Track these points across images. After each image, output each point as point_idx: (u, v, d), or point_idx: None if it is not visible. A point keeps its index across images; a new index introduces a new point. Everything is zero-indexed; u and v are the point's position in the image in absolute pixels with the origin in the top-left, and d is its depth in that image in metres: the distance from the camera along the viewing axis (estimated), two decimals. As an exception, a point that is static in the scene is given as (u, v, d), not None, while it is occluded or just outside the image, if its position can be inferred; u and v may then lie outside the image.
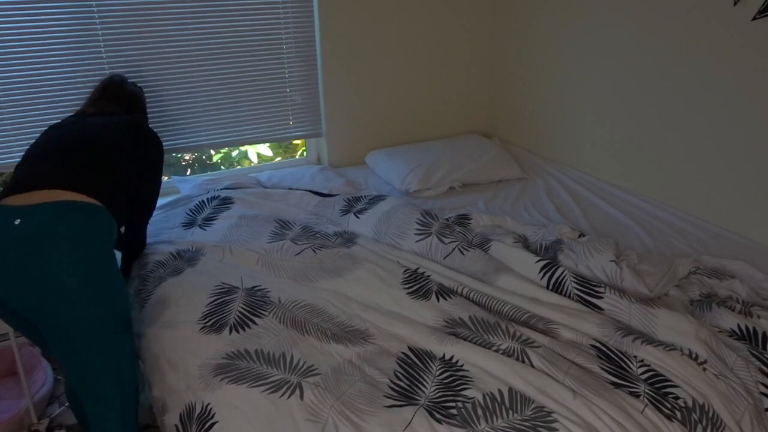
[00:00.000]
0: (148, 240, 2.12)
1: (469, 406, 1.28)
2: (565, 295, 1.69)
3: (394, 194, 2.58)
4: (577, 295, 1.67)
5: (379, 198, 2.24)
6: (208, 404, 1.31)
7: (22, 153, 2.34)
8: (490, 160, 2.80)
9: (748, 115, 2.00)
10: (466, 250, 1.89)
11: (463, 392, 1.32)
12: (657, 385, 1.36)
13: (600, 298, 1.64)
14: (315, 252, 1.91)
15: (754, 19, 1.91)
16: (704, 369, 1.39)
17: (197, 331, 1.55)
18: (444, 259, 1.89)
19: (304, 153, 3.18)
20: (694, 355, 1.43)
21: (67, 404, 2.23)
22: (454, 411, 1.27)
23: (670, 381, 1.36)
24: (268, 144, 3.17)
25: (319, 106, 2.92)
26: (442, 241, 1.94)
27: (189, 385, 1.39)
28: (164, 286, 1.78)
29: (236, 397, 1.31)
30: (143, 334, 1.68)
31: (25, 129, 2.34)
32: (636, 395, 1.32)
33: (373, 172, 2.88)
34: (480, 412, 1.26)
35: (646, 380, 1.38)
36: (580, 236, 2.01)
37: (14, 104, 2.29)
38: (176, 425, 1.34)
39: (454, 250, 1.90)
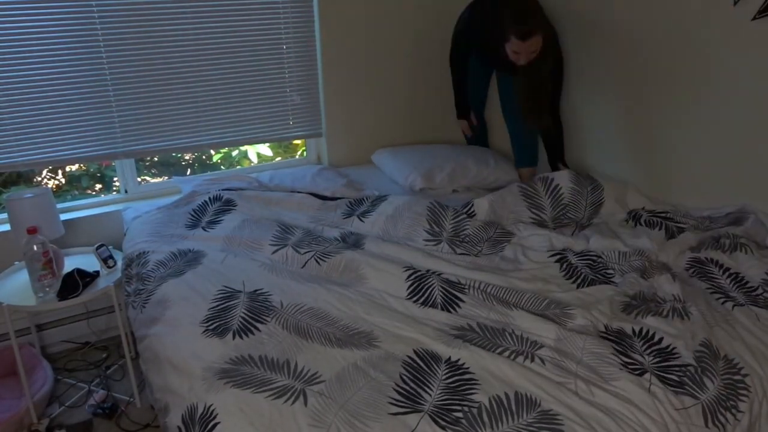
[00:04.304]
0: (149, 239, 2.12)
1: (474, 411, 1.28)
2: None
3: (398, 193, 2.57)
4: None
5: (381, 199, 2.24)
6: (211, 405, 1.30)
7: (22, 153, 2.34)
8: (494, 164, 2.78)
9: (749, 115, 2.00)
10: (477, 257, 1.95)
11: (469, 396, 1.32)
12: (661, 356, 1.46)
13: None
14: (319, 263, 1.89)
15: (754, 19, 1.91)
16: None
17: (200, 334, 1.54)
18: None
19: (304, 153, 3.17)
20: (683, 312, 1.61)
21: (67, 404, 2.23)
22: (459, 415, 1.27)
23: (671, 344, 1.49)
24: (268, 144, 3.16)
25: (319, 106, 2.91)
26: (454, 251, 1.97)
27: (191, 386, 1.38)
28: (165, 287, 1.78)
29: (240, 400, 1.30)
30: (144, 334, 1.67)
31: (25, 129, 2.32)
32: (644, 371, 1.40)
33: (373, 172, 2.87)
34: (485, 417, 1.26)
35: (651, 353, 1.47)
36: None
37: (14, 104, 2.28)
38: (179, 426, 1.33)
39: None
